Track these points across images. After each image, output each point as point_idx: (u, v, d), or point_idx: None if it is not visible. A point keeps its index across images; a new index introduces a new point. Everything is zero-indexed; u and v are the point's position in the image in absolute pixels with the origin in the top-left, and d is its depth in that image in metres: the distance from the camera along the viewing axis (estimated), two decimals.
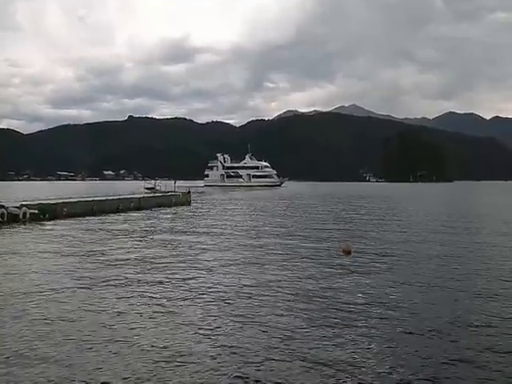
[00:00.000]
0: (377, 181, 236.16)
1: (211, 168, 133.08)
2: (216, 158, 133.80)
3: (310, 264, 12.44)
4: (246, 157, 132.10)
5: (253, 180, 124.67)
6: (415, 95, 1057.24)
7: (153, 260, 12.97)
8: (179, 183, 53.98)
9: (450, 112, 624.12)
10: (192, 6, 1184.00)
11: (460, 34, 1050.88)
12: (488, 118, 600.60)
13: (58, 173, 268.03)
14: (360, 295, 9.13)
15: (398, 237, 18.39)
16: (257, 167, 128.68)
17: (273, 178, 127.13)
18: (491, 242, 16.98)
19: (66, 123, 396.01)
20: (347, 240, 16.31)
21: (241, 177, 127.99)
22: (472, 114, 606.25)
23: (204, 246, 15.64)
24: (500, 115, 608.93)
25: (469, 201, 56.41)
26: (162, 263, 12.48)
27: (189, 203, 40.61)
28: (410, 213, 32.35)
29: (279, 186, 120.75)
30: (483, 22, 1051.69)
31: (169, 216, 28.57)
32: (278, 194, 71.57)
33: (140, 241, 17.03)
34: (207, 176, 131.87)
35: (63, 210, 26.20)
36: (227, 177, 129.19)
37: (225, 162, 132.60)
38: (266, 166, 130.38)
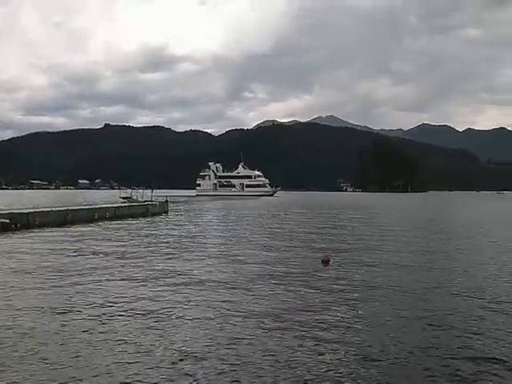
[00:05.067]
0: (354, 190, 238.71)
1: (203, 177, 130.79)
2: (208, 167, 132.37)
3: (287, 275, 12.32)
4: (239, 166, 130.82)
5: (246, 189, 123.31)
6: (391, 107, 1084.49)
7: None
8: (157, 192, 53.37)
9: (425, 124, 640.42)
10: (172, 14, 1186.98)
11: (433, 48, 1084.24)
12: (461, 129, 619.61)
13: (31, 181, 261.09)
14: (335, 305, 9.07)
15: (374, 244, 18.54)
16: (250, 176, 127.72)
17: (266, 187, 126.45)
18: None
19: (39, 130, 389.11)
20: (327, 251, 16.31)
21: (234, 186, 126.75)
22: (446, 125, 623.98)
23: (166, 262, 15.35)
24: (472, 127, 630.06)
25: (442, 209, 57.64)
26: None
27: (166, 213, 40.13)
28: (386, 221, 32.70)
29: (271, 195, 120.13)
30: (455, 37, 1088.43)
31: (141, 225, 28.04)
32: (268, 203, 71.27)
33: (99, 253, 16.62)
34: (199, 185, 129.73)
35: (36, 219, 25.45)
36: (220, 186, 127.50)
37: (217, 171, 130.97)
38: (259, 176, 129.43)
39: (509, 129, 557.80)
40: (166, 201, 43.43)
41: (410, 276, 12.40)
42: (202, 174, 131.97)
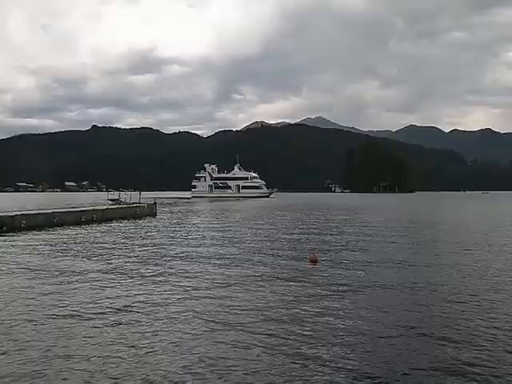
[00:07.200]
0: (342, 191, 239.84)
1: (198, 179, 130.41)
2: (204, 169, 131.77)
3: (277, 273, 12.38)
4: (235, 167, 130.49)
5: (242, 191, 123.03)
6: (378, 108, 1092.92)
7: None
8: (146, 194, 53.09)
9: (412, 125, 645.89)
10: (160, 16, 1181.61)
11: (420, 51, 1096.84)
12: (447, 130, 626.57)
13: (17, 184, 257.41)
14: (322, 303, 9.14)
15: (360, 243, 18.75)
16: (246, 178, 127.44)
17: (262, 188, 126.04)
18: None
19: (26, 132, 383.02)
20: (314, 250, 16.44)
21: (230, 188, 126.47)
22: (432, 126, 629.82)
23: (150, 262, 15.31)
24: (458, 128, 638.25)
25: (425, 210, 58.35)
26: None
27: (154, 215, 39.91)
28: (373, 221, 32.97)
29: (267, 197, 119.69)
30: (440, 40, 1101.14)
31: (126, 229, 27.57)
32: (262, 204, 70.87)
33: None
34: (194, 187, 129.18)
35: (22, 222, 25.12)
36: (215, 187, 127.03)
37: (213, 172, 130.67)
38: (255, 177, 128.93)
39: (494, 130, 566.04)
40: (155, 203, 43.22)
41: (395, 274, 12.55)
42: (197, 175, 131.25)
